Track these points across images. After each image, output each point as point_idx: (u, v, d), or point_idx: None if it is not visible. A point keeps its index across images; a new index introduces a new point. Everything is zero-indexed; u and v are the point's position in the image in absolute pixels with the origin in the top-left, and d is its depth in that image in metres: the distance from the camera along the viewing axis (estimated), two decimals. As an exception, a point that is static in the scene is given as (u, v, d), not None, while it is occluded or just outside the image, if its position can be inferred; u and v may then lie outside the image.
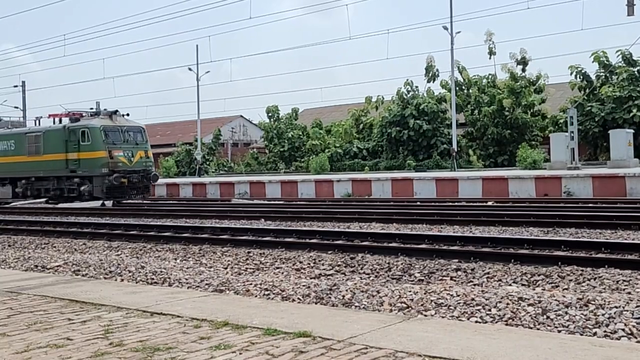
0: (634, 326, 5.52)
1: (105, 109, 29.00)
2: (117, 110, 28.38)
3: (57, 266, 10.34)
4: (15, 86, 55.24)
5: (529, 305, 6.25)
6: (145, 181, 27.95)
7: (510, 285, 7.62)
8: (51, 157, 28.24)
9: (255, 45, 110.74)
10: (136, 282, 8.71)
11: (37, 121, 31.07)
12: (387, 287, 7.46)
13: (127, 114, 28.70)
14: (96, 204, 27.57)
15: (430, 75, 44.82)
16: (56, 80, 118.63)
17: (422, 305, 6.59)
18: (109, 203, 27.46)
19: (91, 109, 29.85)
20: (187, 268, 9.74)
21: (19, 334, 4.91)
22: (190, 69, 50.42)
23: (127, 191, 27.54)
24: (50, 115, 30.21)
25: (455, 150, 37.57)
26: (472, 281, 7.98)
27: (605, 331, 5.50)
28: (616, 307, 5.98)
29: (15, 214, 24.23)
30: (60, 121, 29.20)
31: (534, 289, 7.19)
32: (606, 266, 8.11)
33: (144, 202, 28.54)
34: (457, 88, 41.81)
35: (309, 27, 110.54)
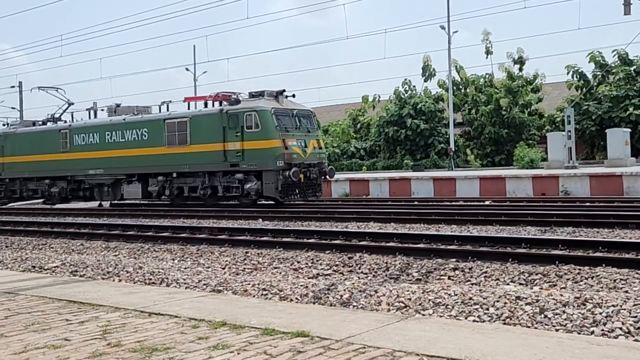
0: (631, 325, 5.53)
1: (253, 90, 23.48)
2: (283, 90, 23.04)
3: (55, 267, 10.34)
4: (12, 87, 55.20)
5: (526, 304, 6.26)
6: (319, 177, 22.64)
7: (507, 284, 7.63)
8: (202, 148, 22.74)
9: (252, 45, 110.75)
10: (134, 283, 8.71)
11: (166, 106, 25.26)
12: (385, 286, 7.46)
13: (293, 95, 23.32)
14: (94, 204, 27.43)
15: (427, 74, 44.88)
16: (53, 80, 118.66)
17: (420, 304, 6.60)
18: (106, 204, 27.28)
19: (88, 109, 28.12)
20: (185, 268, 9.74)
21: (16, 334, 4.90)
22: (187, 69, 50.53)
23: (302, 189, 22.21)
24: (186, 99, 24.76)
25: (453, 149, 37.59)
26: (469, 280, 7.99)
27: (602, 330, 5.51)
28: (614, 305, 5.99)
29: (13, 214, 24.20)
30: (205, 105, 23.75)
31: (531, 288, 7.20)
32: (604, 265, 8.11)
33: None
34: (455, 87, 41.86)
35: (306, 27, 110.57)
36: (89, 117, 27.97)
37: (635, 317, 5.68)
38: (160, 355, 4.18)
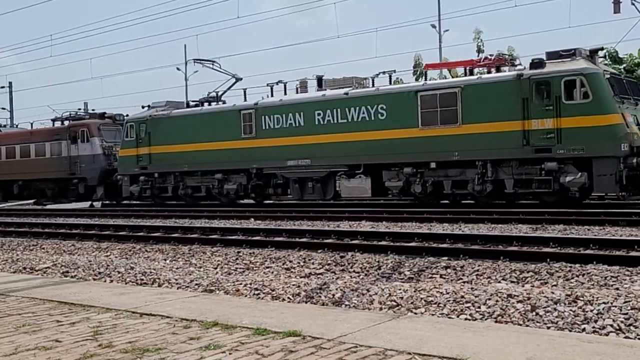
0: (622, 322, 5.55)
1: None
2: (601, 48, 17.94)
3: (46, 268, 10.29)
4: (2, 87, 54.87)
5: (518, 302, 6.28)
6: None
7: (499, 282, 7.65)
8: (484, 129, 17.14)
9: (243, 45, 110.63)
10: (125, 283, 8.69)
11: (388, 77, 19.55)
12: (377, 285, 7.47)
13: (605, 56, 16.82)
14: (85, 204, 27.25)
15: (418, 73, 44.91)
16: (43, 81, 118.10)
17: (412, 303, 6.61)
18: (97, 204, 27.11)
19: (79, 109, 25.57)
20: (177, 268, 9.71)
21: (7, 336, 4.88)
22: (178, 69, 50.29)
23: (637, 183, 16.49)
24: (427, 67, 18.99)
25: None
26: (461, 279, 8.00)
27: (593, 327, 5.53)
28: (604, 303, 6.01)
29: (3, 215, 24.08)
30: (470, 72, 18.41)
31: (523, 286, 7.22)
32: (594, 262, 8.15)
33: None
34: (446, 86, 41.84)
35: (297, 27, 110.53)
36: (271, 95, 22.32)
37: (626, 314, 5.70)
38: (151, 356, 4.17)
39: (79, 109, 27.48)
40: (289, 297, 7.31)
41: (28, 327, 5.13)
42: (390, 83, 19.80)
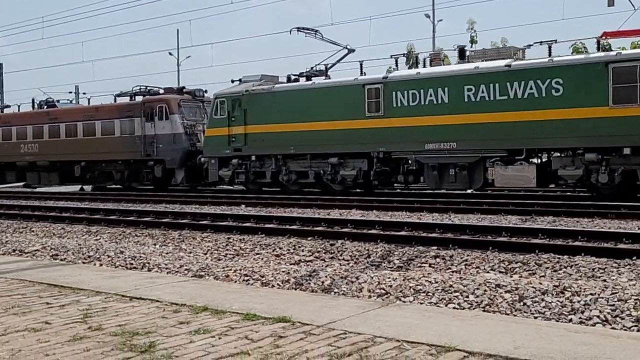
0: (608, 313, 5.60)
1: None
2: None
3: (35, 250, 10.28)
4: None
5: (506, 292, 6.33)
6: None
7: (488, 272, 7.69)
8: None
9: (237, 31, 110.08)
10: (115, 267, 8.69)
11: (548, 47, 16.70)
12: (366, 273, 7.50)
13: None
14: (75, 188, 27.15)
15: (410, 62, 44.85)
16: (34, 63, 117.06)
17: (400, 291, 6.64)
18: (87, 187, 27.02)
19: (70, 92, 23.18)
20: (167, 253, 9.71)
21: (-4, 317, 4.88)
22: (170, 54, 50.10)
23: None
24: (606, 35, 17.18)
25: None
26: (450, 268, 8.04)
27: (580, 318, 5.58)
28: (592, 294, 6.06)
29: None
30: None
31: (511, 276, 7.26)
32: (583, 254, 8.20)
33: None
34: (439, 76, 41.75)
35: (291, 13, 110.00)
36: (396, 67, 20.15)
37: (613, 305, 5.75)
38: (141, 339, 4.18)
39: (70, 92, 26.57)
40: (278, 284, 7.33)
41: (17, 309, 5.13)
42: (549, 55, 16.75)
